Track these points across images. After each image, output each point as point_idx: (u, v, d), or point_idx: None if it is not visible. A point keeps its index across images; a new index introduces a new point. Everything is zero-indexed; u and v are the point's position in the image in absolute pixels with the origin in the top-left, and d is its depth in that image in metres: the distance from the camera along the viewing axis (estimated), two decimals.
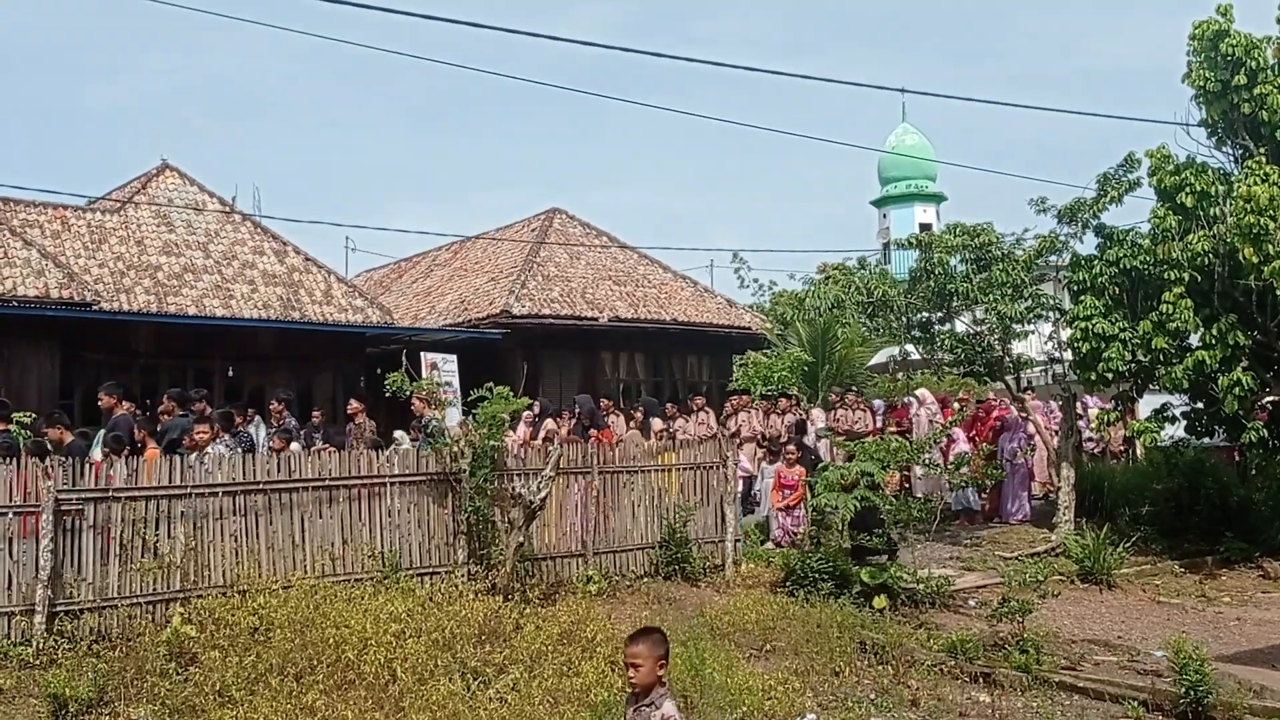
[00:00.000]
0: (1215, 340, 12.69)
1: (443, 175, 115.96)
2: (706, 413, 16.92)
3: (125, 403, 11.93)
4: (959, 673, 8.84)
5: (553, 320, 21.25)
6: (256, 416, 14.05)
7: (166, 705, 7.12)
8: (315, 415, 15.50)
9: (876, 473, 11.31)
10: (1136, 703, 8.08)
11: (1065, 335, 14.86)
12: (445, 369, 17.70)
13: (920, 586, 10.97)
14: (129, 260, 19.13)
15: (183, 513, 9.01)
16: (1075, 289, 14.17)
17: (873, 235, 48.52)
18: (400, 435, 14.79)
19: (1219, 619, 11.42)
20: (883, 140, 47.17)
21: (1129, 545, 13.24)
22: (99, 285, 17.86)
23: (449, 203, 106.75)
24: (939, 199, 47.55)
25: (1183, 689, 7.94)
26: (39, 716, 7.18)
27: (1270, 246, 11.67)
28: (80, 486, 8.68)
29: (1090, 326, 13.48)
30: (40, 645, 8.09)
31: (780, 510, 13.05)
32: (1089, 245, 14.73)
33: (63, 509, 8.50)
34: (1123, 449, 18.09)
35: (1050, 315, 15.39)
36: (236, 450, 10.14)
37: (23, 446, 9.98)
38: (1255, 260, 11.76)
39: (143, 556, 8.78)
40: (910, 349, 17.52)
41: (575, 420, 15.26)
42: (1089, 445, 17.61)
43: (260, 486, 9.45)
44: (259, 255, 20.68)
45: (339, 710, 6.95)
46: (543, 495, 10.24)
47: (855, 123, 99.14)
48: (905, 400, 17.86)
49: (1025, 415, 15.67)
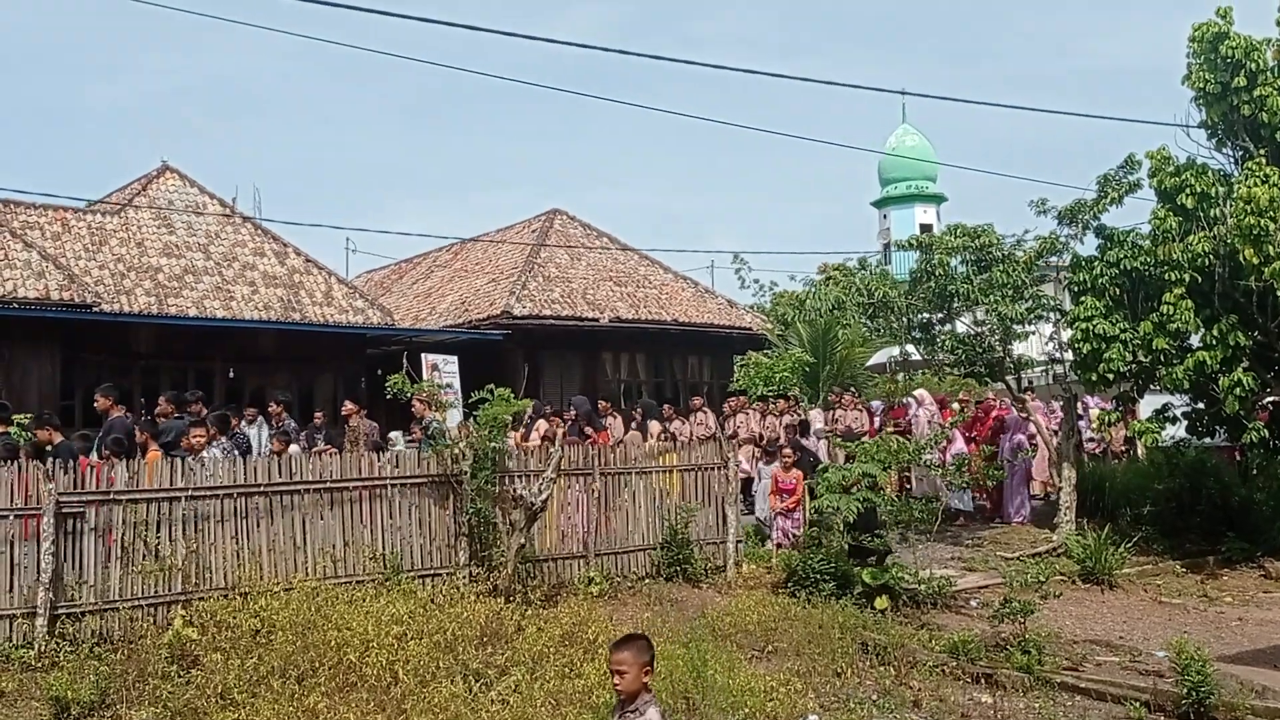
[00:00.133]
0: (1216, 341, 12.70)
1: (442, 174, 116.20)
2: (705, 414, 16.90)
3: (118, 406, 11.92)
4: (961, 674, 8.84)
5: (554, 321, 21.25)
6: (259, 417, 14.10)
7: (168, 708, 7.12)
8: (317, 417, 15.55)
9: (878, 474, 11.31)
10: (1138, 703, 8.08)
11: (1066, 336, 14.86)
12: (446, 370, 17.72)
13: (922, 587, 10.97)
14: (129, 262, 19.14)
15: (184, 515, 9.02)
16: (1076, 290, 14.19)
17: (873, 236, 48.61)
18: (394, 436, 14.79)
19: (1221, 619, 11.42)
20: (883, 141, 47.34)
21: (1130, 545, 13.24)
22: (99, 287, 17.87)
23: (448, 201, 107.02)
24: (939, 200, 47.62)
25: (1185, 690, 7.95)
26: (41, 719, 7.18)
27: (1270, 248, 11.68)
28: (82, 489, 8.68)
29: (1091, 327, 13.50)
30: (42, 648, 8.09)
31: (779, 514, 13.03)
32: (1089, 246, 14.78)
33: (64, 511, 8.50)
34: (1124, 449, 18.10)
35: (1051, 316, 15.39)
36: (232, 453, 10.11)
37: (22, 449, 9.99)
38: (1256, 261, 11.77)
39: (144, 559, 8.78)
40: (910, 349, 17.51)
41: (571, 422, 15.27)
42: (1090, 445, 17.61)
43: (261, 489, 9.44)
44: (259, 257, 20.69)
45: (341, 713, 6.95)
46: (544, 497, 10.23)
47: (855, 123, 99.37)
48: (904, 401, 17.86)
49: (1026, 416, 15.68)
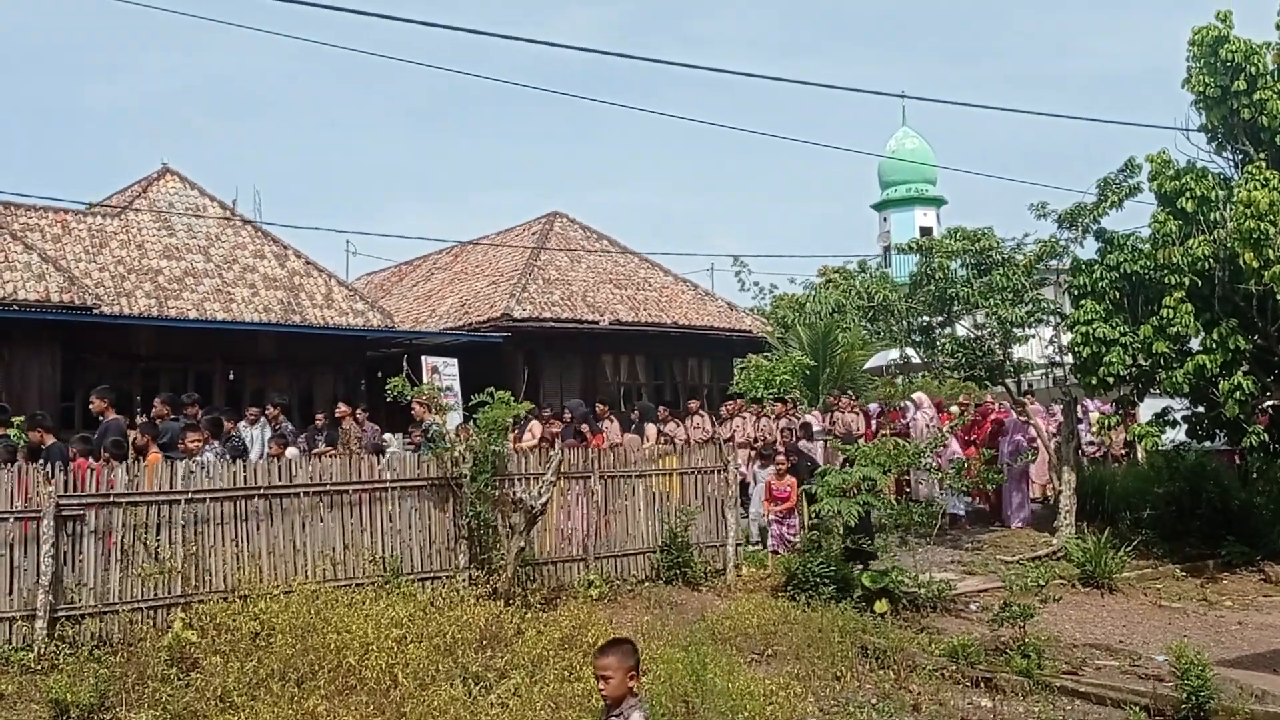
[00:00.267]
0: (1216, 344, 12.71)
1: (442, 175, 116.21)
2: (701, 416, 16.84)
3: (113, 408, 11.91)
4: (960, 677, 8.84)
5: (554, 324, 21.24)
6: (262, 418, 14.07)
7: (168, 711, 7.13)
8: (318, 419, 15.54)
9: (878, 477, 11.31)
10: (1138, 708, 8.08)
11: (1066, 339, 14.86)
12: (446, 373, 17.72)
13: (921, 591, 10.97)
14: (130, 264, 19.14)
15: (184, 518, 9.02)
16: (1076, 293, 14.20)
17: (873, 238, 48.65)
18: (388, 439, 14.80)
19: (1220, 623, 11.42)
20: (883, 143, 47.36)
21: (1130, 549, 13.23)
22: (100, 289, 17.87)
23: (448, 203, 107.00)
24: (939, 202, 47.66)
25: (1184, 694, 7.97)
26: None
27: (1270, 251, 11.69)
28: (81, 491, 8.68)
29: (1091, 331, 13.51)
30: (41, 650, 8.09)
31: (774, 521, 13.01)
32: (1089, 250, 14.79)
33: (64, 514, 8.50)
34: (1124, 452, 18.09)
35: (1051, 319, 15.40)
36: (225, 457, 10.06)
37: (19, 451, 9.98)
38: (1255, 265, 11.78)
39: (144, 562, 8.78)
40: (910, 353, 17.51)
41: (567, 424, 15.25)
42: (1090, 449, 17.61)
43: (261, 491, 9.44)
44: (259, 259, 20.69)
45: (340, 715, 6.96)
46: (544, 500, 10.23)
47: (855, 124, 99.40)
48: (901, 404, 17.86)
49: (1026, 419, 15.68)
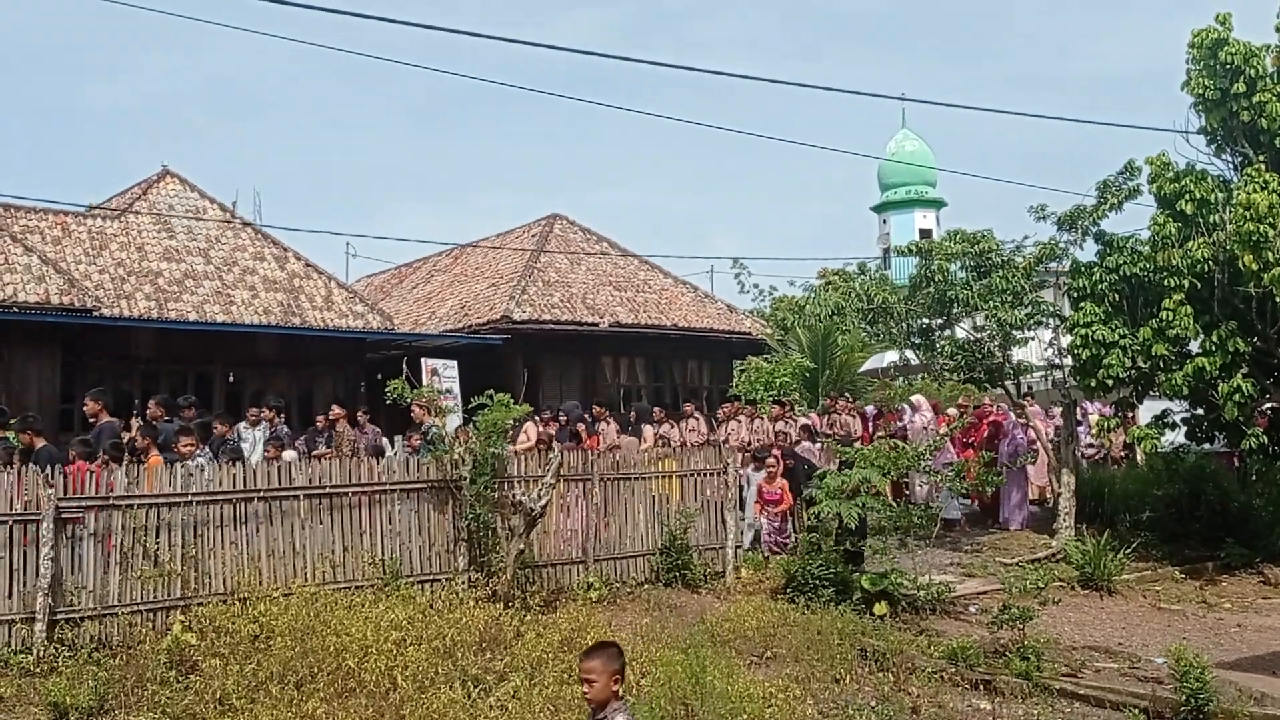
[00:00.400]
0: (1215, 347, 12.71)
1: (443, 176, 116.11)
2: (696, 419, 16.82)
3: (107, 410, 11.89)
4: (960, 680, 8.83)
5: (553, 326, 21.24)
6: (263, 419, 14.04)
7: (167, 713, 7.12)
8: (319, 420, 15.55)
9: (877, 480, 11.31)
10: (1137, 710, 8.09)
11: (1065, 342, 14.87)
12: (446, 375, 17.73)
13: (920, 593, 10.97)
14: (129, 266, 19.15)
15: (183, 520, 9.01)
16: (1075, 296, 14.20)
17: (873, 240, 48.62)
18: (385, 443, 14.77)
19: (1220, 625, 11.42)
20: (883, 144, 47.32)
21: (1130, 551, 13.22)
22: (99, 291, 17.88)
23: (449, 204, 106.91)
24: (939, 204, 47.62)
25: (1183, 696, 7.96)
26: None
27: (1270, 254, 11.69)
28: (80, 494, 8.68)
29: (1090, 333, 13.51)
30: (41, 653, 8.09)
31: (770, 527, 12.99)
32: (1089, 252, 14.80)
33: (63, 517, 8.50)
34: (1123, 455, 18.09)
35: (1050, 322, 15.40)
36: (213, 461, 10.01)
37: (15, 453, 9.97)
38: (1255, 267, 11.78)
39: (143, 564, 8.78)
40: (909, 354, 17.51)
41: (561, 427, 15.25)
42: (1090, 451, 17.61)
43: (260, 494, 9.44)
44: (259, 261, 20.71)
45: (340, 718, 6.95)
46: (543, 503, 10.24)
47: (855, 125, 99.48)
48: (898, 406, 17.87)
49: (1025, 421, 15.68)
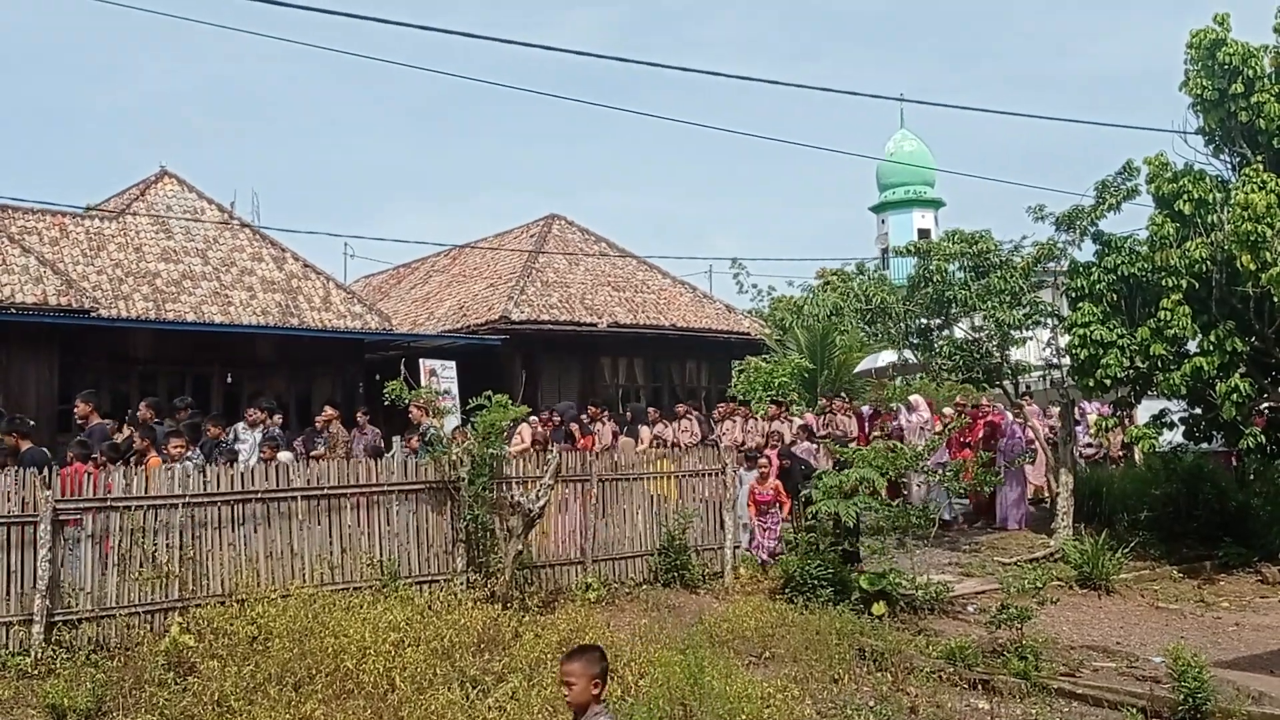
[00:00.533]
0: (1213, 346, 12.72)
1: (443, 176, 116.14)
2: (689, 419, 16.80)
3: (97, 412, 11.89)
4: (958, 680, 8.84)
5: (552, 326, 21.24)
6: (263, 421, 13.98)
7: (165, 715, 7.12)
8: (317, 421, 15.50)
9: (876, 479, 11.31)
10: (1135, 709, 8.09)
11: (1063, 342, 14.87)
12: (444, 375, 17.71)
13: (919, 593, 10.98)
14: (127, 267, 19.13)
15: (181, 522, 9.01)
16: (1073, 296, 14.21)
17: (871, 240, 48.67)
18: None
19: (1217, 624, 11.43)
20: (882, 145, 47.37)
21: (1128, 551, 13.24)
22: (97, 292, 17.86)
23: (449, 204, 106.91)
24: (937, 204, 47.67)
25: (1181, 695, 7.97)
26: None
27: (1267, 253, 11.69)
28: (78, 496, 8.68)
29: (1088, 333, 13.52)
30: (39, 655, 8.08)
31: (763, 529, 12.98)
32: (1087, 252, 14.80)
33: (61, 519, 8.50)
34: (1122, 454, 18.10)
35: (1048, 322, 15.40)
36: (201, 463, 9.96)
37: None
38: (1252, 267, 11.78)
39: (141, 566, 8.78)
40: (908, 354, 17.52)
41: (555, 427, 15.22)
42: (1088, 451, 17.62)
43: (259, 496, 9.43)
44: (257, 262, 20.69)
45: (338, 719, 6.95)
46: (542, 503, 10.24)
47: (855, 126, 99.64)
48: (894, 406, 17.86)
49: (1023, 421, 15.68)
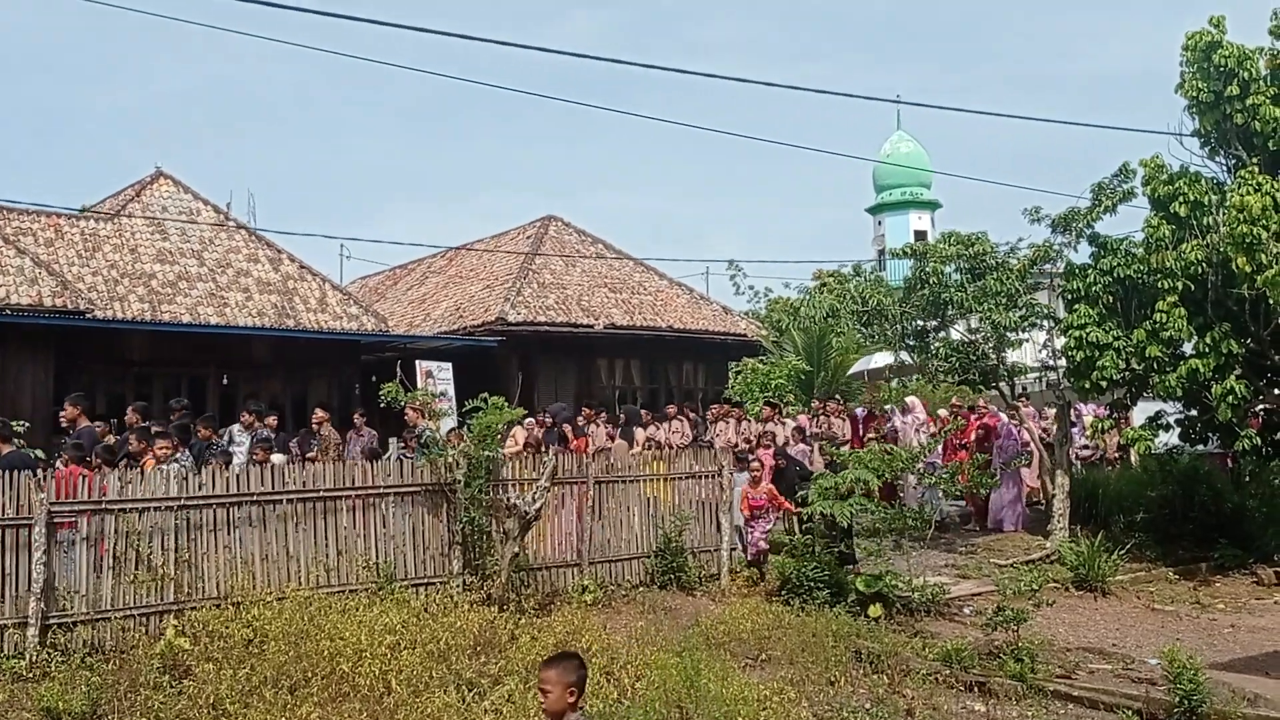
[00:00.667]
0: (1209, 349, 12.74)
1: (440, 177, 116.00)
2: (681, 421, 16.74)
3: (85, 415, 11.86)
4: (954, 682, 8.85)
5: (548, 328, 21.24)
6: (260, 424, 13.94)
7: (160, 718, 7.10)
8: (313, 422, 15.47)
9: (871, 481, 11.31)
10: (1131, 711, 8.10)
11: (1059, 344, 14.89)
12: (440, 377, 17.70)
13: (915, 595, 10.98)
14: (123, 268, 19.11)
15: (176, 524, 8.98)
16: (1069, 298, 14.21)
17: (868, 242, 48.68)
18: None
19: (1213, 626, 11.44)
20: (878, 147, 47.40)
21: (1123, 552, 13.25)
22: (93, 293, 17.83)
23: (446, 205, 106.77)
24: (934, 206, 47.69)
25: (1177, 697, 7.99)
26: None
27: (1263, 256, 11.71)
28: (73, 498, 8.65)
29: (1084, 335, 13.53)
30: (33, 658, 8.05)
31: (757, 534, 12.97)
32: (1083, 254, 14.81)
33: (55, 521, 8.48)
34: (1118, 456, 18.13)
35: (1044, 324, 15.42)
36: (191, 465, 9.93)
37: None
38: (1248, 269, 11.80)
39: (136, 568, 8.75)
40: (904, 356, 17.53)
41: (547, 429, 15.20)
42: (1084, 453, 17.64)
43: (254, 498, 9.41)
44: (253, 263, 20.67)
45: None
46: (538, 506, 10.22)
47: (854, 126, 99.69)
48: (885, 408, 17.88)
49: (1019, 423, 15.70)
